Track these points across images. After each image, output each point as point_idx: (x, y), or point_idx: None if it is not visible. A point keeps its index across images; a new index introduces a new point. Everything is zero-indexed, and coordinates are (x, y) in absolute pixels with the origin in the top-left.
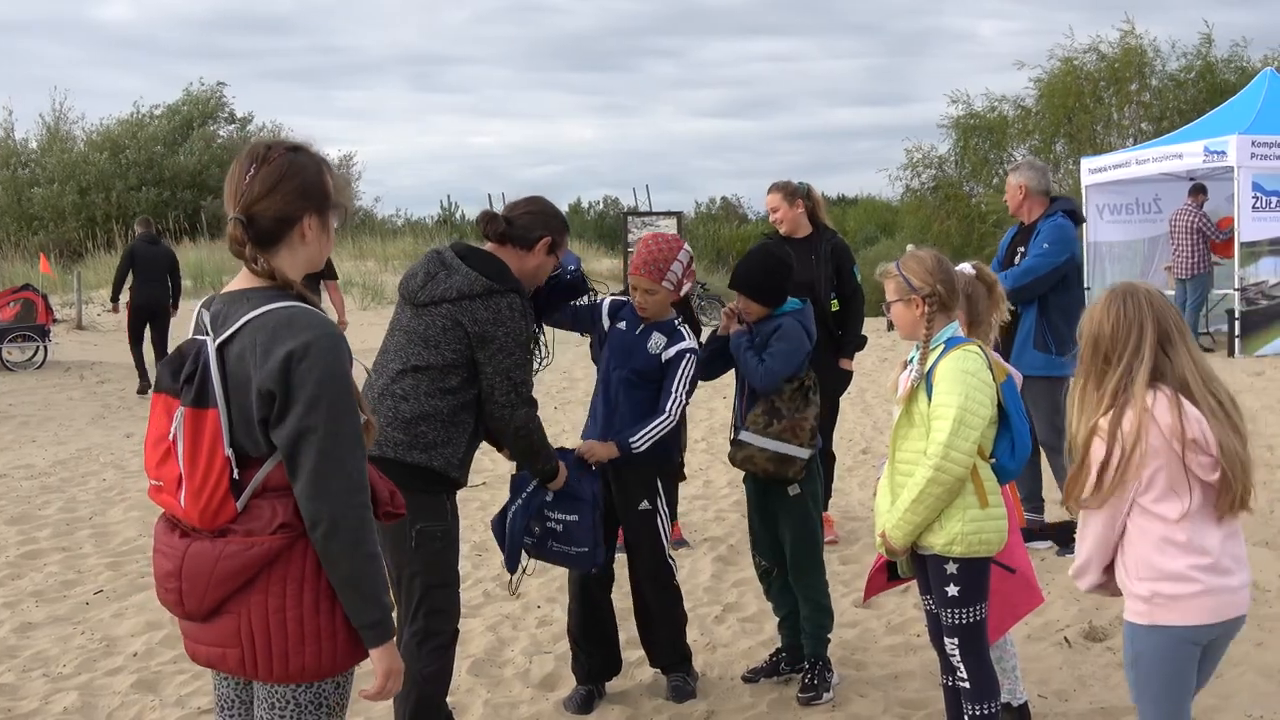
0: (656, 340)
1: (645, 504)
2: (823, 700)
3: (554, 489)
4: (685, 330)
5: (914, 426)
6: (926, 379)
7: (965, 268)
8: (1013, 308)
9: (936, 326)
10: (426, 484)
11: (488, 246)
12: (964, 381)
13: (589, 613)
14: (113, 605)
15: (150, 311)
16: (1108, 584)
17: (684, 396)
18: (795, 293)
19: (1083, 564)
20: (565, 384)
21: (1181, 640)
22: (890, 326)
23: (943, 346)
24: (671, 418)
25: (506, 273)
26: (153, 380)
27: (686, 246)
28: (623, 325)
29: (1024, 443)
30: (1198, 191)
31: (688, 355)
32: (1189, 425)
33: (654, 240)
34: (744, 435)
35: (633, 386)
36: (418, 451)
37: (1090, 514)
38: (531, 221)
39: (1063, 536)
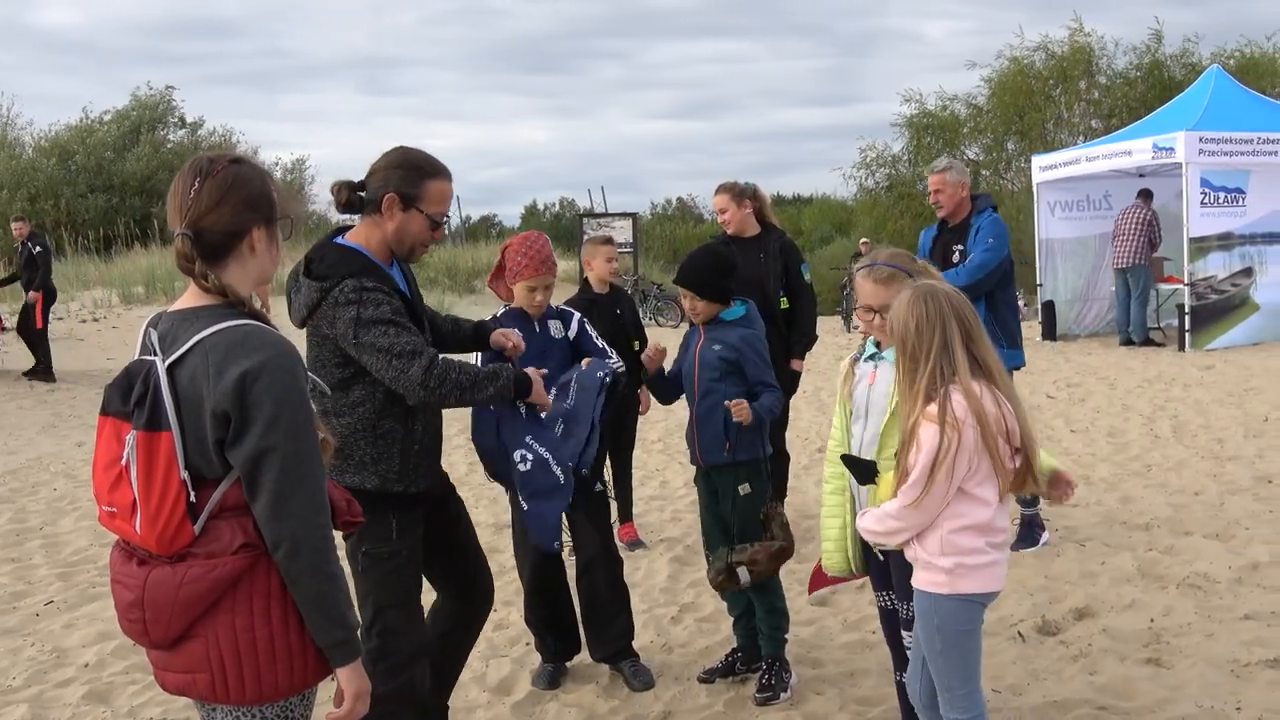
0: (555, 326)
1: (599, 485)
2: (780, 701)
3: (537, 402)
4: (560, 306)
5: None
6: None
7: None
8: None
9: None
10: (368, 505)
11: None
12: None
13: (546, 603)
14: (63, 616)
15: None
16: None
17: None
18: (745, 291)
19: (891, 531)
20: None
21: (978, 605)
22: (851, 327)
23: None
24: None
25: (337, 263)
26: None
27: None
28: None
29: None
30: (1146, 196)
31: (584, 319)
32: (1006, 415)
33: (530, 241)
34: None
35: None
36: (350, 474)
37: (915, 492)
38: (376, 181)
39: (864, 474)
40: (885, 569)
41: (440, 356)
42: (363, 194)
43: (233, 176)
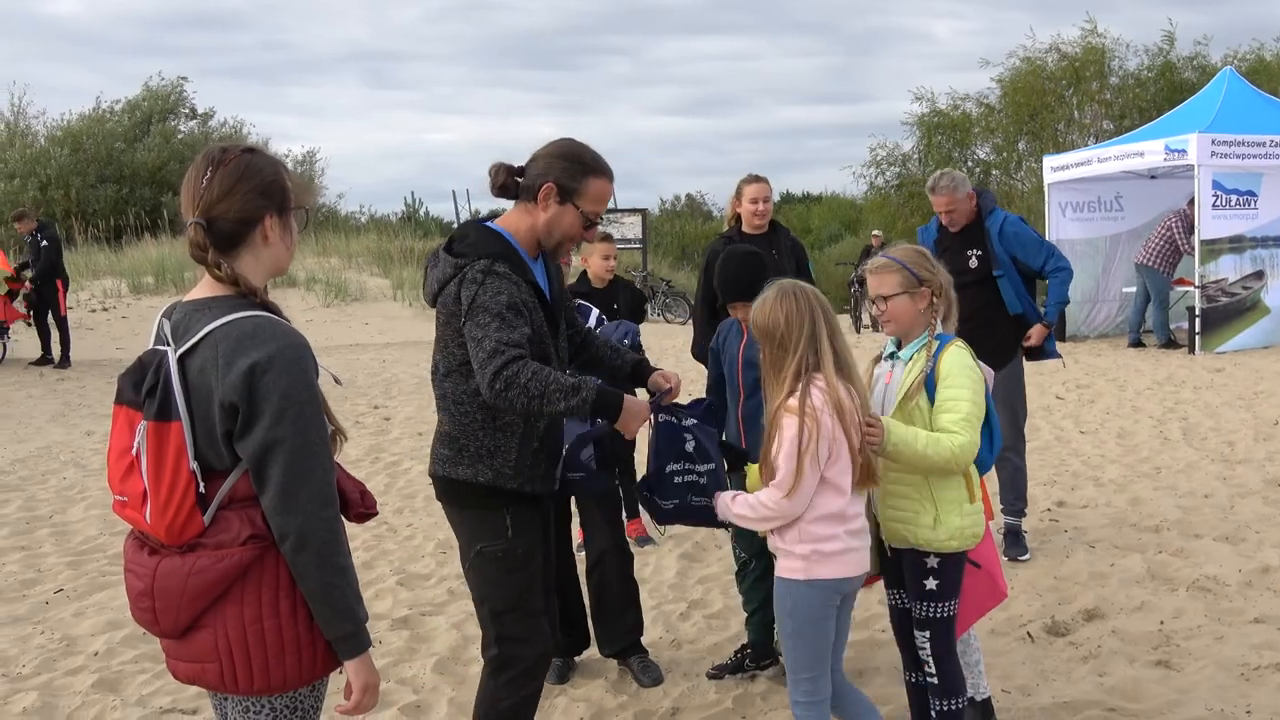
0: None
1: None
2: None
3: (624, 430)
4: (579, 301)
5: (911, 424)
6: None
7: None
8: None
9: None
10: (481, 500)
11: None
12: (970, 375)
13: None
14: (73, 604)
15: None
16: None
17: None
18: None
19: (764, 519)
20: None
21: (832, 591)
22: (874, 326)
23: (937, 342)
24: None
25: (476, 243)
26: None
27: None
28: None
29: (999, 436)
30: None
31: (602, 315)
32: (858, 409)
33: None
34: None
35: None
36: (463, 466)
37: (789, 482)
38: (537, 168)
39: (734, 461)
40: (896, 567)
41: (523, 360)
42: (519, 179)
43: (245, 165)
